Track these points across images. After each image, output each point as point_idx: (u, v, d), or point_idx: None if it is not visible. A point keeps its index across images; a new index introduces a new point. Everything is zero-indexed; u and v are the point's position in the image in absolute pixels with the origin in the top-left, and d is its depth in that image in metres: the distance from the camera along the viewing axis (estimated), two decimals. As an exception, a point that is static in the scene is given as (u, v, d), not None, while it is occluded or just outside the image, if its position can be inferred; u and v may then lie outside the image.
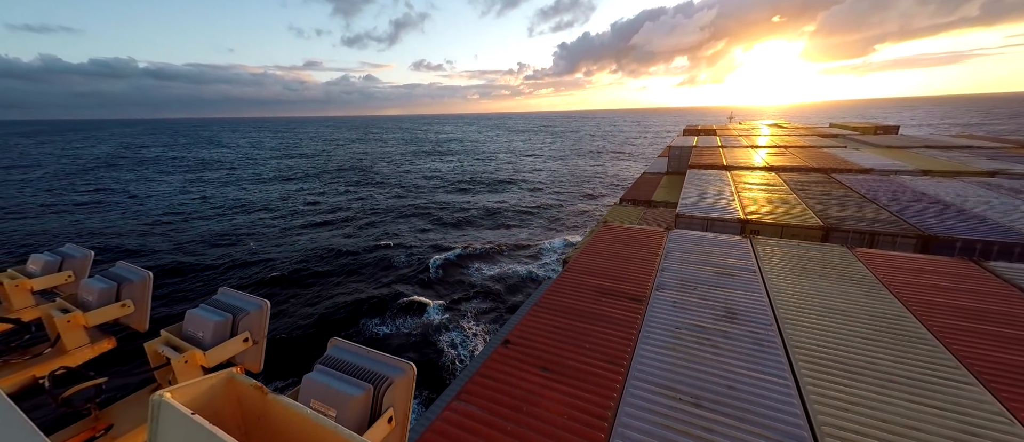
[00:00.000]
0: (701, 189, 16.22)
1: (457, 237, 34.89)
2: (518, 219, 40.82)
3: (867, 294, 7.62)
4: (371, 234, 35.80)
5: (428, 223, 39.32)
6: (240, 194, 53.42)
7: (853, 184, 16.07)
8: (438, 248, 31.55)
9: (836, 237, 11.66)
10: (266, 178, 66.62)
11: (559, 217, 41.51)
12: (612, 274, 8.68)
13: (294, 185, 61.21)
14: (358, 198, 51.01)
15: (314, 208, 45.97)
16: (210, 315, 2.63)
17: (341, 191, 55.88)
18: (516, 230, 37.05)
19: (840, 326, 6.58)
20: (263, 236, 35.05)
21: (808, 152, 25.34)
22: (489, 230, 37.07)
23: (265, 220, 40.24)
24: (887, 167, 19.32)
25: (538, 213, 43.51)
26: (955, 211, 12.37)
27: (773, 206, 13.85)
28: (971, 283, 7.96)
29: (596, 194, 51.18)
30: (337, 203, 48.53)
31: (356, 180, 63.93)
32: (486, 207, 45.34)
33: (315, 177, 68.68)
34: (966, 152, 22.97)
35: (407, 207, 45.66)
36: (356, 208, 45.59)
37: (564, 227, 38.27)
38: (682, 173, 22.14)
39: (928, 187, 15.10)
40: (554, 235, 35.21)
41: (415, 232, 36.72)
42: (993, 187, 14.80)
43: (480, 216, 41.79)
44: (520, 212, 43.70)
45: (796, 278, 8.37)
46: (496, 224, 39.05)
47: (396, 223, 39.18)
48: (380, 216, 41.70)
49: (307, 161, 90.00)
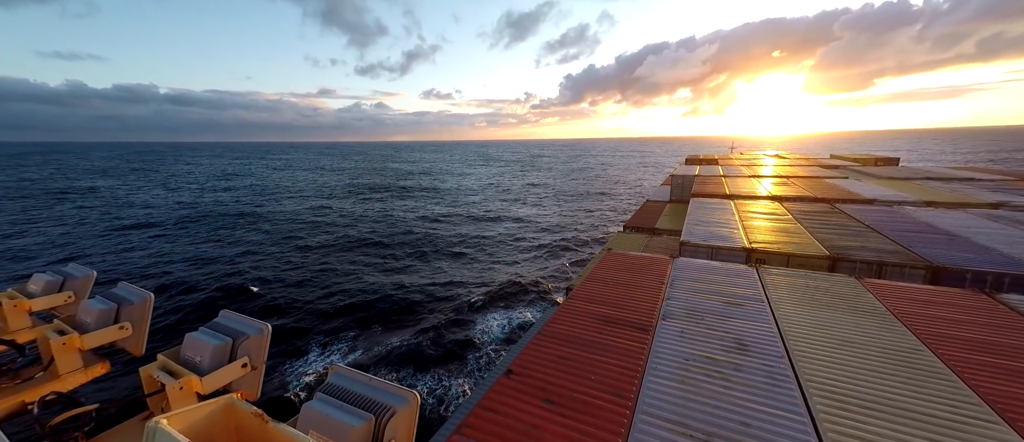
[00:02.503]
0: (705, 217, 16.20)
1: (467, 264, 34.78)
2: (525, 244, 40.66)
3: (879, 326, 7.42)
4: (384, 259, 35.80)
5: (436, 249, 39.34)
6: (254, 214, 54.44)
7: (857, 214, 16.02)
8: (450, 276, 31.59)
9: (843, 267, 11.50)
10: (287, 200, 68.13)
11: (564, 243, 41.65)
12: (617, 302, 8.53)
13: (310, 203, 63.21)
14: (373, 222, 51.63)
15: (329, 229, 46.76)
16: (209, 339, 2.57)
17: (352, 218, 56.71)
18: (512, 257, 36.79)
19: (854, 359, 6.37)
20: (270, 258, 35.06)
21: (810, 182, 25.46)
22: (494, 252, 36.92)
23: (276, 243, 40.47)
24: (890, 198, 19.32)
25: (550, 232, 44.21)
26: (963, 242, 12.24)
27: (778, 235, 13.76)
28: (986, 316, 7.76)
29: (597, 222, 51.24)
30: (352, 226, 49.13)
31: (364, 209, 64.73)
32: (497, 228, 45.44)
33: (335, 198, 70.80)
34: (968, 184, 23.00)
35: (415, 231, 45.67)
36: (367, 234, 45.86)
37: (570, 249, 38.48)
38: (685, 201, 22.21)
39: (933, 218, 15.02)
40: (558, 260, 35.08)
41: (422, 258, 36.52)
42: (998, 219, 14.71)
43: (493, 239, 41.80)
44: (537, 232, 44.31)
45: (805, 309, 8.19)
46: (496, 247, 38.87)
47: (401, 247, 38.82)
48: (386, 242, 41.47)
49: (315, 183, 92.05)
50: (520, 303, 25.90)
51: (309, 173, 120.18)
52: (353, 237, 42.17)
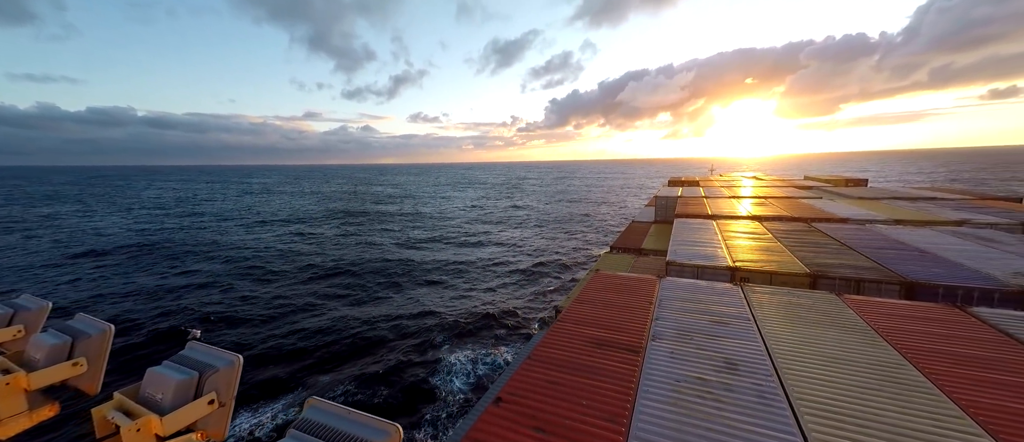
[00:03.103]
0: (689, 237, 16.47)
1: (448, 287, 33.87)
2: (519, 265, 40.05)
3: (862, 342, 7.54)
4: (363, 283, 34.32)
5: (416, 272, 38.27)
6: (217, 242, 51.66)
7: (833, 233, 16.57)
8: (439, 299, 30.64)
9: (823, 284, 11.77)
10: (257, 226, 64.83)
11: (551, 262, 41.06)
12: (607, 324, 8.45)
13: (283, 229, 60.35)
14: (348, 247, 49.25)
15: (307, 257, 44.50)
16: (173, 373, 2.38)
17: (331, 241, 54.08)
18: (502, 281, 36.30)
19: (841, 376, 6.41)
20: (227, 290, 32.59)
21: (787, 202, 26.35)
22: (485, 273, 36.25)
23: (236, 273, 37.70)
24: (862, 217, 20.11)
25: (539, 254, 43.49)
26: (933, 258, 12.73)
27: (760, 254, 14.06)
28: (961, 329, 7.98)
29: (583, 244, 51.26)
30: (328, 251, 47.06)
31: (348, 230, 62.10)
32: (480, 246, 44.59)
33: (314, 221, 68.24)
34: (932, 203, 24.20)
35: (394, 257, 43.82)
36: (348, 258, 43.72)
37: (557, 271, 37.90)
38: (669, 222, 22.60)
39: (904, 236, 15.65)
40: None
41: (406, 279, 35.49)
42: (963, 236, 15.43)
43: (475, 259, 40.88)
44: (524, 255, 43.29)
45: (790, 326, 8.28)
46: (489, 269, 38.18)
47: (373, 276, 36.31)
48: (357, 271, 38.50)
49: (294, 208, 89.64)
50: (495, 338, 23.57)
51: (286, 197, 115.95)
52: (322, 266, 39.14)
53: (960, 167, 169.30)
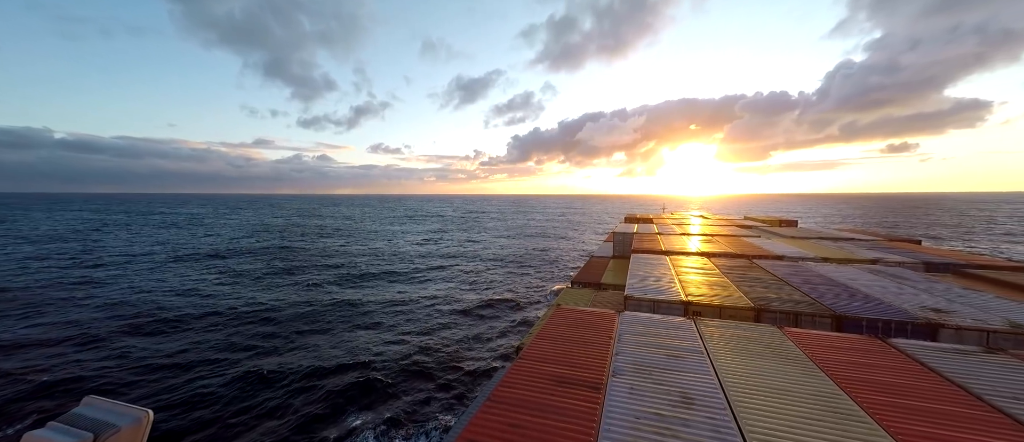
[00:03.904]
0: (645, 272, 17.14)
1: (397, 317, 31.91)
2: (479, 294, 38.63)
3: (803, 372, 8.04)
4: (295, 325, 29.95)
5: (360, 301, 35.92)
6: (109, 282, 43.62)
7: (772, 269, 17.98)
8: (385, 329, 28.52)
9: (766, 317, 12.58)
10: (172, 262, 55.73)
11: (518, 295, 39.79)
12: (568, 360, 8.41)
13: (207, 265, 53.72)
14: (279, 283, 43.70)
15: (225, 290, 39.36)
16: (59, 437, 1.97)
17: (258, 275, 47.68)
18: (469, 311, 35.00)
19: (787, 407, 6.74)
20: (121, 339, 26.45)
21: (731, 240, 28.42)
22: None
23: (135, 317, 30.91)
24: (795, 255, 22.08)
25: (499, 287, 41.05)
26: (856, 293, 14.11)
27: (710, 288, 14.86)
28: (883, 359, 8.77)
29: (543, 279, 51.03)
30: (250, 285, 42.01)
31: (278, 265, 54.63)
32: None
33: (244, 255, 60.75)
34: (851, 243, 27.17)
35: (326, 296, 38.56)
36: (276, 294, 38.84)
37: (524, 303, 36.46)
38: (626, 257, 23.46)
39: (830, 272, 17.30)
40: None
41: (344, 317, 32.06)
42: (877, 273, 17.34)
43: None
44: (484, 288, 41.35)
45: (739, 358, 8.68)
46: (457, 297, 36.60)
47: (293, 322, 30.71)
48: (292, 309, 33.58)
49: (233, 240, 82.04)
50: (429, 399, 19.81)
51: (217, 228, 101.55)
52: (235, 311, 32.70)
53: (866, 210, 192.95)
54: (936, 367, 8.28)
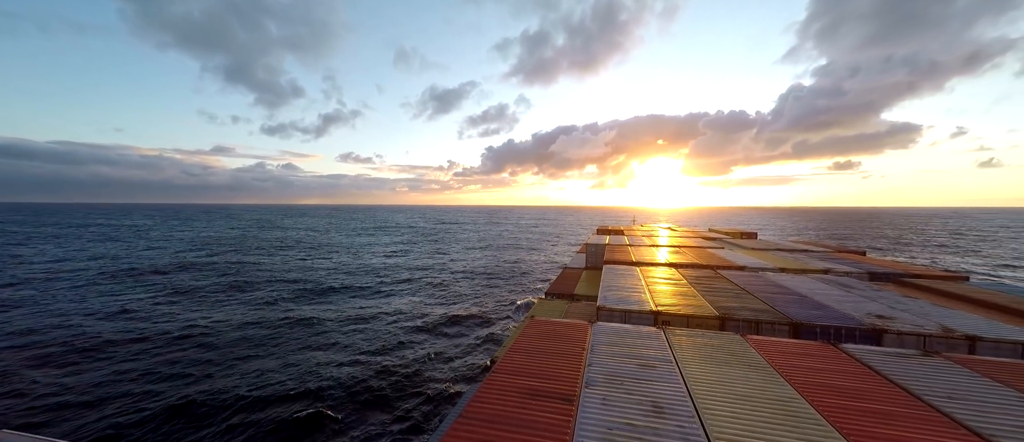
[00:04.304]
0: (617, 283, 17.50)
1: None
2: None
3: (764, 378, 8.41)
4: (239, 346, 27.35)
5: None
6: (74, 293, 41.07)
7: (734, 279, 18.83)
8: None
9: (730, 325, 13.12)
10: (104, 278, 50.31)
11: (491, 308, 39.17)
12: (541, 373, 8.40)
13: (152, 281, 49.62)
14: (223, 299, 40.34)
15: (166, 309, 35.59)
16: None
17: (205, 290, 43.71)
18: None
19: (750, 412, 7.01)
20: (33, 372, 23.21)
21: (697, 251, 29.60)
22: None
23: (56, 344, 27.44)
24: (756, 265, 23.27)
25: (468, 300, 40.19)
26: (810, 302, 15.00)
27: (678, 298, 15.36)
28: (835, 363, 9.33)
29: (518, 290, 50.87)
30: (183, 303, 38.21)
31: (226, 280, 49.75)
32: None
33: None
34: (805, 254, 28.97)
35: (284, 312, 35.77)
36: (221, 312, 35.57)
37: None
38: (599, 268, 23.88)
39: (787, 282, 18.33)
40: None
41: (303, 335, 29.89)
42: (828, 282, 18.54)
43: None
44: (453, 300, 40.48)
45: (706, 366, 8.98)
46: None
47: (234, 345, 28.04)
48: (214, 341, 29.35)
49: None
50: (387, 431, 18.21)
51: (162, 241, 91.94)
52: (170, 334, 29.33)
53: (818, 222, 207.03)
54: (881, 370, 8.90)
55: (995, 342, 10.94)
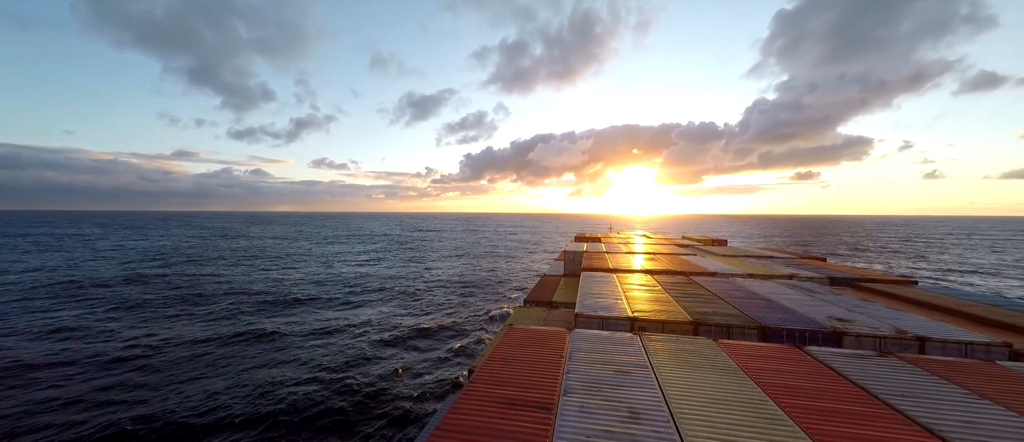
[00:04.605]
0: (595, 290, 17.71)
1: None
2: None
3: (735, 382, 8.68)
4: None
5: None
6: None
7: (707, 285, 19.43)
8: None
9: (703, 330, 13.49)
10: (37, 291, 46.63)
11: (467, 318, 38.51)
12: (520, 381, 8.35)
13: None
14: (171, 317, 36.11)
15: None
16: None
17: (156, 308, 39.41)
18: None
19: (722, 416, 7.20)
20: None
21: (671, 258, 30.41)
22: None
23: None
24: (726, 272, 24.12)
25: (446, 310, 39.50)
26: (776, 306, 15.65)
27: (653, 304, 15.68)
28: (800, 366, 9.75)
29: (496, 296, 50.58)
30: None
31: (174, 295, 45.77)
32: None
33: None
34: (771, 260, 30.28)
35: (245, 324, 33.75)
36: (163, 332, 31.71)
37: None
38: (577, 275, 24.10)
39: (756, 287, 19.07)
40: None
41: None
42: (793, 287, 19.42)
43: None
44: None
45: (681, 371, 9.18)
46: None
47: (181, 365, 25.84)
48: (182, 350, 28.04)
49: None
50: None
51: (109, 252, 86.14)
52: (94, 357, 26.44)
53: (784, 230, 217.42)
54: (841, 371, 9.35)
55: (942, 342, 11.73)
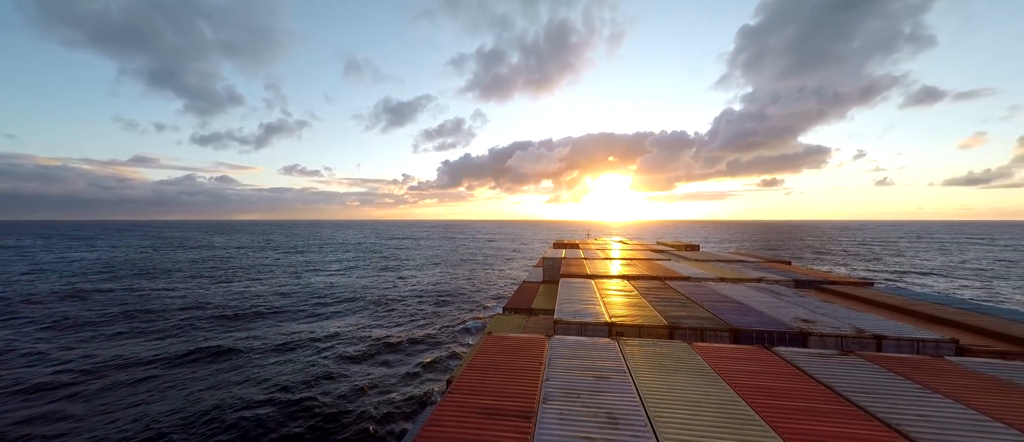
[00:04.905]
0: (573, 296, 17.83)
1: None
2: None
3: (709, 384, 8.89)
4: None
5: None
6: None
7: (681, 289, 19.95)
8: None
9: (678, 334, 13.80)
10: None
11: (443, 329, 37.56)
12: (499, 390, 8.26)
13: None
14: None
15: None
16: None
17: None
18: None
19: (697, 418, 7.35)
20: None
21: (646, 263, 31.08)
22: None
23: None
24: (699, 276, 24.85)
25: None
26: (747, 309, 16.22)
27: (630, 309, 15.93)
28: (769, 366, 10.10)
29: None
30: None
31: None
32: None
33: None
34: (741, 264, 31.46)
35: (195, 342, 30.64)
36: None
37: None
38: (556, 281, 24.22)
39: (727, 291, 19.73)
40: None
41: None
42: (762, 290, 20.21)
43: None
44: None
45: (657, 375, 9.33)
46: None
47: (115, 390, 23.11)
48: (118, 373, 25.24)
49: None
50: None
51: (50, 264, 77.85)
52: (14, 384, 23.40)
53: (752, 235, 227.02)
54: (807, 370, 9.75)
55: (897, 340, 12.46)
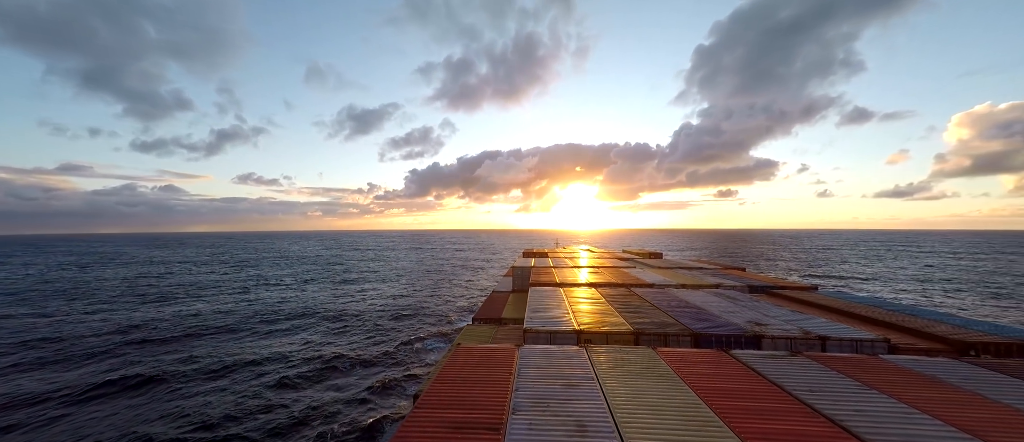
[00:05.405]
0: (542, 305, 17.94)
1: None
2: None
3: (672, 387, 9.19)
4: None
5: None
6: None
7: (645, 296, 20.59)
8: None
9: (643, 339, 14.20)
10: None
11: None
12: (467, 403, 8.11)
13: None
14: None
15: None
16: None
17: None
18: None
19: (661, 422, 7.56)
20: None
21: (613, 271, 31.89)
22: None
23: None
24: (662, 283, 25.80)
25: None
26: (706, 314, 16.98)
27: (598, 317, 16.23)
28: (727, 369, 10.60)
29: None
30: None
31: None
32: None
33: None
34: (699, 271, 33.02)
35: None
36: None
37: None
38: (525, 291, 24.27)
39: (688, 297, 20.59)
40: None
41: None
42: (720, 295, 21.26)
43: None
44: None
45: (624, 381, 9.53)
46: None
47: None
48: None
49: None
50: None
51: None
52: None
53: (709, 243, 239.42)
54: (761, 371, 10.32)
55: (839, 340, 13.47)
